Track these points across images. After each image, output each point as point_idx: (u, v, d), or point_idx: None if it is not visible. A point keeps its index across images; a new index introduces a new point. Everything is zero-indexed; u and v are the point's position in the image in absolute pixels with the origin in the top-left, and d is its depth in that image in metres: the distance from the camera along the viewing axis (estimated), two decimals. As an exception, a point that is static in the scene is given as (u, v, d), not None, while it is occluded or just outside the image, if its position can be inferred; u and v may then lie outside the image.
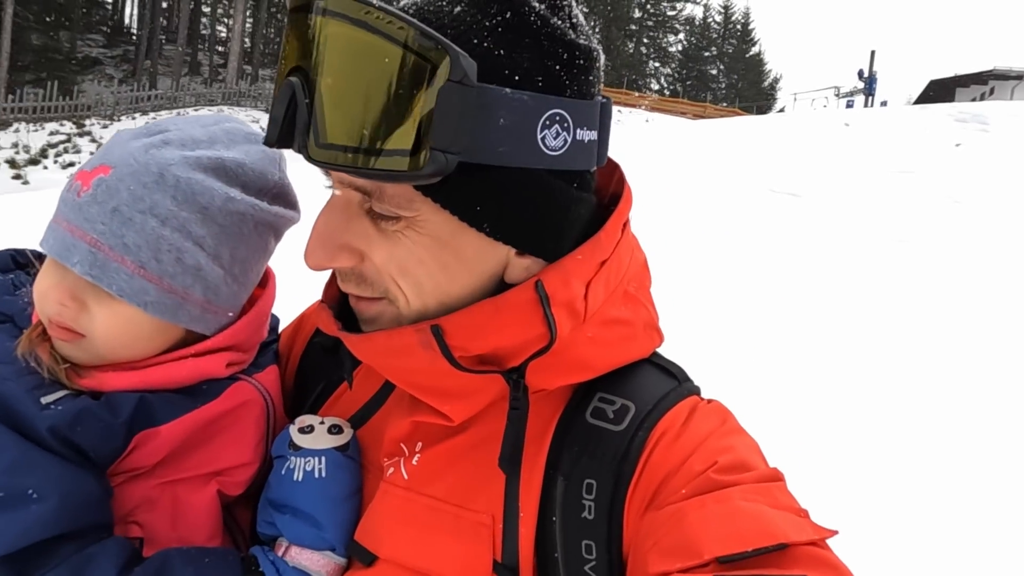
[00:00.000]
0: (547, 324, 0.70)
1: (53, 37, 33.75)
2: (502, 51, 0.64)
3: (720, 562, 0.61)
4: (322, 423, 0.83)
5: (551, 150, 0.67)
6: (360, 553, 0.76)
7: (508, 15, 0.65)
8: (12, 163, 19.16)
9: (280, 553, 0.78)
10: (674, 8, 59.16)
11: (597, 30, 47.81)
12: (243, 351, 0.91)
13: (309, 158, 0.64)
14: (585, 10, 50.31)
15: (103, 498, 0.77)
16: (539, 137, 0.66)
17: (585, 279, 0.72)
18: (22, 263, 0.93)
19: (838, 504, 3.12)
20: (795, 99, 39.19)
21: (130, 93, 26.84)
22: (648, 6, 57.43)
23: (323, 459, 0.79)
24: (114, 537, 0.77)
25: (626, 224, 0.79)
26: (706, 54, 63.13)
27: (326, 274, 0.81)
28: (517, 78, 0.64)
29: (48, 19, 34.47)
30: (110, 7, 46.41)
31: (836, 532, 0.65)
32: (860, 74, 38.66)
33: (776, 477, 0.70)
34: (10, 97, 24.56)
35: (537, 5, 0.67)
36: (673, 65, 62.03)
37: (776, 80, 64.65)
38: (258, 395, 0.89)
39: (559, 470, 0.72)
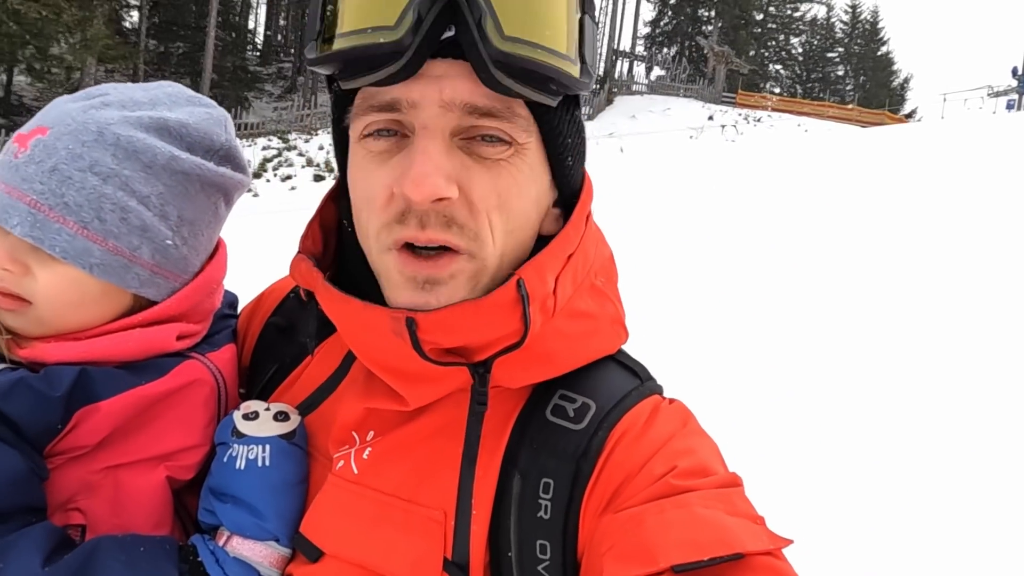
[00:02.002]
0: (523, 322, 0.70)
1: (241, 58, 36.51)
2: None
3: (676, 570, 0.62)
4: (268, 409, 0.81)
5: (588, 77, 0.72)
6: (305, 547, 0.76)
7: None
8: (241, 177, 21.28)
9: (221, 543, 0.77)
10: (797, 9, 58.06)
11: (724, 32, 47.65)
12: (193, 321, 0.89)
13: (487, 51, 0.63)
14: (712, 15, 50.17)
15: (31, 479, 0.74)
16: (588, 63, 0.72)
17: (555, 273, 0.73)
18: None
19: (807, 506, 3.17)
20: (944, 99, 37.85)
21: (297, 112, 28.74)
22: (771, 8, 56.59)
23: (267, 447, 0.78)
24: (42, 523, 0.74)
25: (589, 216, 0.79)
26: (830, 55, 61.60)
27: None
28: (586, 5, 0.72)
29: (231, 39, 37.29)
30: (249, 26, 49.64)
31: (791, 541, 0.66)
32: (1014, 72, 36.97)
33: (735, 483, 0.71)
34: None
35: None
36: (793, 66, 60.80)
37: (906, 80, 62.39)
38: (208, 374, 0.87)
39: (516, 467, 0.73)
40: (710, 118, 32.32)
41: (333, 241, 0.87)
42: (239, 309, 1.04)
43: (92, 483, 0.80)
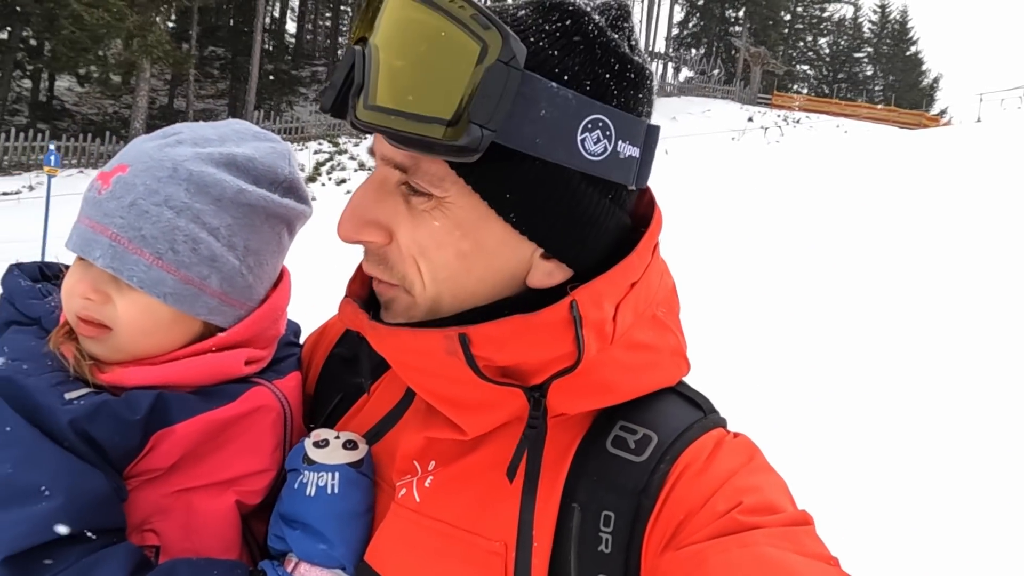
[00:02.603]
0: (576, 344, 0.69)
1: (283, 62, 36.67)
2: (555, 52, 0.67)
3: None
4: (337, 438, 0.83)
5: (590, 154, 0.68)
6: (369, 575, 0.76)
7: (568, 22, 0.69)
8: (295, 180, 21.37)
9: (289, 569, 0.78)
10: (824, 9, 57.82)
11: (753, 32, 47.46)
12: (260, 347, 0.92)
13: (355, 119, 0.67)
14: (740, 16, 50.00)
15: (113, 499, 0.77)
16: (579, 138, 0.67)
17: (615, 300, 0.72)
18: (49, 276, 0.97)
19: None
20: (981, 100, 37.47)
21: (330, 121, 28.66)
22: (798, 9, 56.37)
23: (336, 475, 0.79)
24: (125, 543, 0.77)
25: (656, 247, 0.79)
26: (857, 55, 61.27)
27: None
28: (566, 78, 0.67)
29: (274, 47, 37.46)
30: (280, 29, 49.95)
31: None
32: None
33: (804, 521, 0.68)
34: (266, 122, 27.20)
35: (598, 19, 0.70)
36: (820, 66, 60.52)
37: (936, 80, 61.94)
38: (275, 400, 0.90)
39: (576, 499, 0.72)
40: (750, 119, 32.22)
41: None
42: (302, 338, 1.08)
43: (165, 506, 0.83)
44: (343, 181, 21.51)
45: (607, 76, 0.69)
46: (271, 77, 34.29)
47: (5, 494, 0.73)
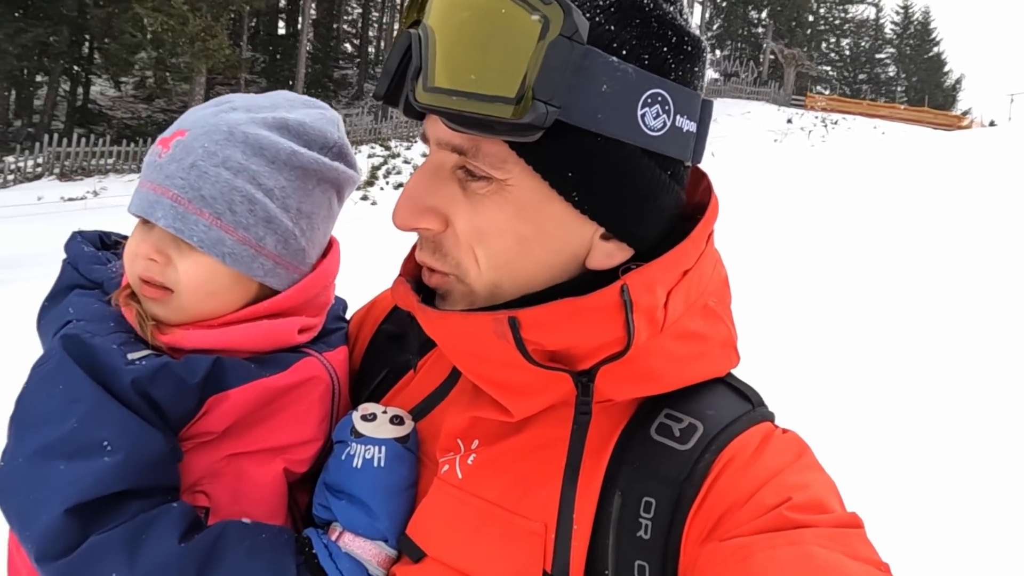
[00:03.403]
0: (626, 330, 0.69)
1: (326, 65, 36.61)
2: (612, 26, 0.66)
3: None
4: (384, 412, 0.84)
5: (650, 129, 0.67)
6: (409, 548, 0.77)
7: None
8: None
9: (334, 538, 0.79)
10: (846, 11, 57.74)
11: (780, 34, 47.36)
12: (311, 315, 0.95)
13: (414, 102, 0.66)
14: (767, 20, 49.91)
15: (170, 459, 0.80)
16: (639, 113, 0.66)
17: (667, 287, 0.71)
18: (109, 244, 0.99)
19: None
20: (1012, 100, 37.41)
21: (372, 124, 28.26)
22: (821, 10, 56.29)
23: (383, 449, 0.80)
24: (180, 502, 0.79)
25: (710, 236, 0.78)
26: (879, 56, 61.16)
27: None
28: (624, 52, 0.65)
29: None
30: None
31: None
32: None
33: (855, 523, 0.66)
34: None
35: None
36: (841, 67, 60.44)
37: (959, 80, 61.81)
38: (325, 372, 0.92)
39: (617, 484, 0.71)
40: (789, 121, 32.11)
41: None
42: (349, 314, 1.10)
43: (217, 469, 0.85)
44: (400, 185, 21.41)
45: (664, 49, 0.68)
46: (317, 81, 34.18)
47: (70, 447, 0.75)
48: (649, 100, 0.67)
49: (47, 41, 21.81)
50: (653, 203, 0.71)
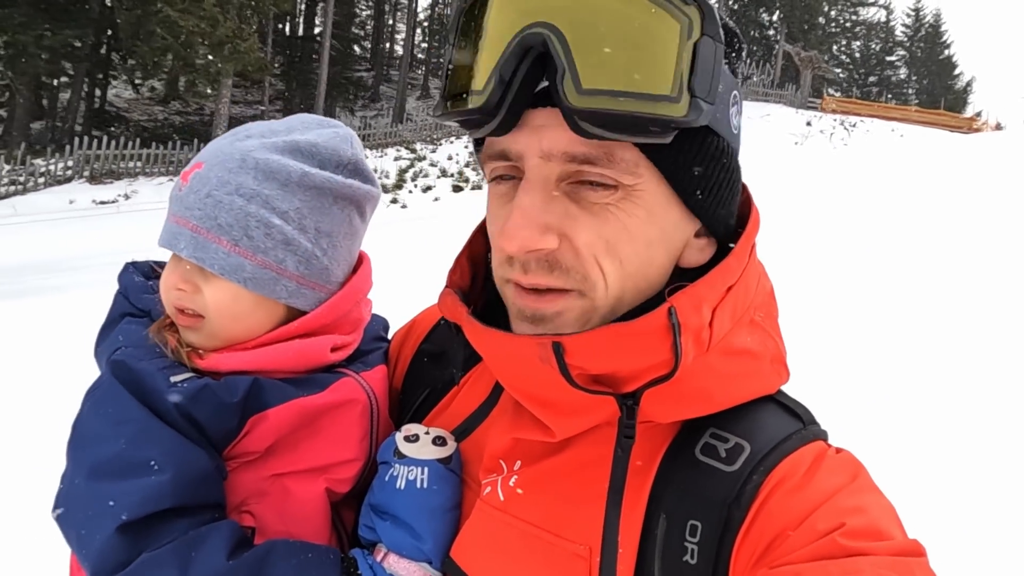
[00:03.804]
0: (673, 352, 0.67)
1: (345, 68, 36.51)
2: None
3: None
4: (427, 433, 0.84)
5: (734, 128, 0.70)
6: (454, 571, 0.76)
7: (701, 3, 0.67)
8: (383, 188, 21.24)
9: (379, 558, 0.80)
10: (856, 13, 57.73)
11: (792, 36, 47.33)
12: (344, 332, 0.95)
13: (568, 105, 0.63)
14: (777, 22, 49.86)
15: (216, 477, 0.82)
16: (730, 112, 0.69)
17: (712, 305, 0.69)
18: (159, 273, 1.00)
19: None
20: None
21: (389, 128, 28.13)
22: (832, 12, 56.29)
23: (426, 470, 0.80)
24: (228, 520, 0.81)
25: (752, 248, 0.76)
26: (889, 58, 61.13)
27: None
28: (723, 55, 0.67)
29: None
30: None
31: None
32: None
33: (917, 551, 0.62)
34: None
35: None
36: (852, 69, 60.42)
37: (969, 83, 61.79)
38: (362, 392, 0.93)
39: (662, 507, 0.69)
40: (808, 124, 32.03)
41: (482, 271, 0.87)
42: (391, 333, 1.10)
43: (262, 489, 0.87)
44: (429, 188, 21.30)
45: (732, 53, 0.70)
46: (338, 84, 34.09)
47: (119, 467, 0.77)
48: (734, 99, 0.70)
49: (73, 44, 21.72)
50: (736, 199, 0.75)
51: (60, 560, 0.94)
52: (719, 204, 0.72)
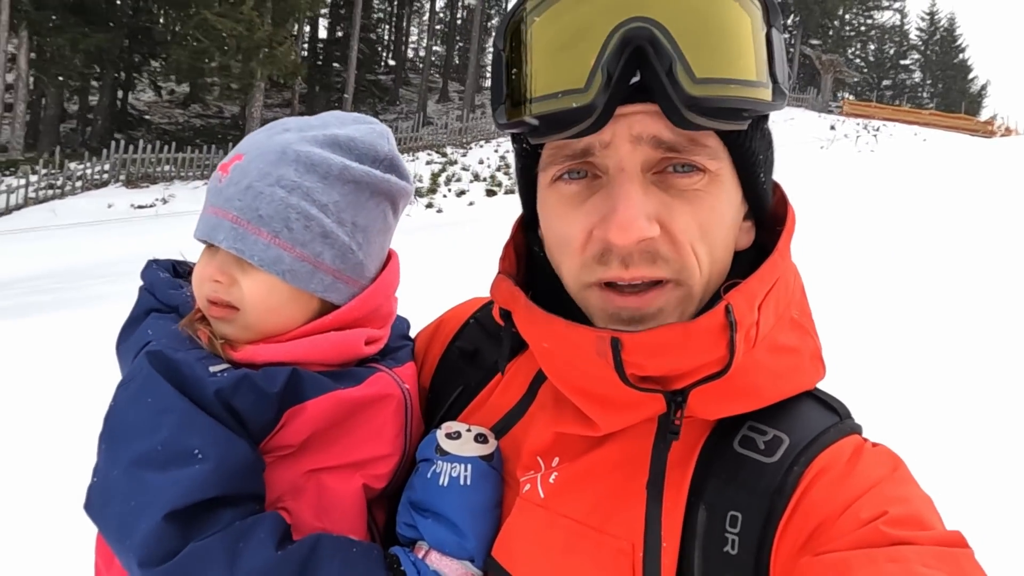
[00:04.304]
0: (728, 349, 0.66)
1: (372, 71, 36.46)
2: None
3: None
4: (469, 430, 0.83)
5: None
6: (496, 570, 0.76)
7: None
8: (418, 192, 21.14)
9: (421, 555, 0.79)
10: (870, 17, 57.68)
11: (805, 39, 47.25)
12: (376, 326, 0.96)
13: (685, 97, 0.64)
14: (792, 26, 49.79)
15: (257, 467, 0.82)
16: None
17: (758, 301, 0.70)
18: (181, 273, 1.01)
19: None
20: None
21: (410, 132, 27.71)
22: (846, 16, 56.24)
23: (469, 467, 0.79)
24: (273, 512, 0.81)
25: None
26: (904, 62, 61.05)
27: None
28: None
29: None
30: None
31: None
32: None
33: (960, 543, 0.62)
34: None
35: None
36: (867, 72, 60.34)
37: (984, 87, 61.67)
38: (396, 387, 0.93)
39: (702, 499, 0.69)
40: (832, 128, 31.96)
41: (523, 265, 0.87)
42: (412, 332, 1.10)
43: (299, 485, 0.85)
44: (463, 192, 21.23)
45: None
46: (365, 88, 34.05)
47: (163, 456, 0.76)
48: None
49: (106, 47, 21.67)
50: (773, 171, 0.78)
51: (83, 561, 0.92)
52: (767, 188, 0.76)
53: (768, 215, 0.79)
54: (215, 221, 0.87)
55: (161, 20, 20.71)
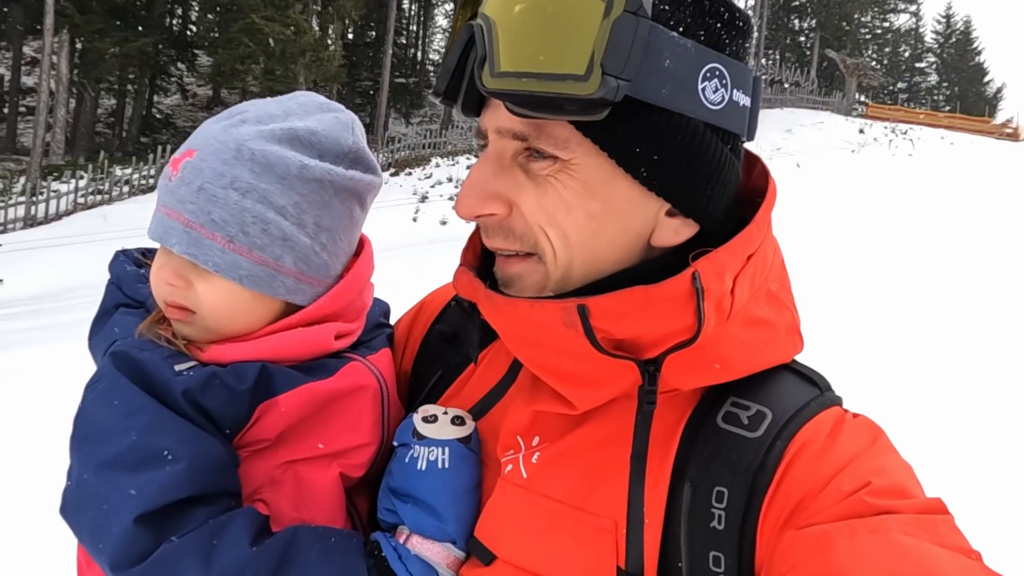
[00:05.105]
0: (696, 318, 0.68)
1: (403, 75, 36.27)
2: (667, 6, 0.67)
3: None
4: (445, 413, 0.83)
5: (710, 103, 0.69)
6: (479, 551, 0.76)
7: None
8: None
9: (402, 540, 0.79)
10: (885, 19, 57.62)
11: (826, 42, 47.19)
12: (348, 320, 0.93)
13: (481, 88, 0.67)
14: (808, 29, 49.75)
15: (231, 464, 0.81)
16: (700, 87, 0.68)
17: (733, 273, 0.70)
18: (148, 262, 0.97)
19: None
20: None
21: (428, 140, 27.80)
22: (863, 19, 56.21)
23: (446, 450, 0.79)
24: (247, 507, 0.80)
25: (769, 221, 0.77)
26: (919, 64, 61.02)
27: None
28: (681, 28, 0.67)
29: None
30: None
31: None
32: None
33: (940, 509, 0.63)
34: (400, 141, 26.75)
35: None
36: (883, 75, 60.33)
37: (999, 89, 61.66)
38: (372, 376, 0.91)
39: (686, 476, 0.70)
40: (861, 131, 31.87)
41: (482, 254, 0.87)
42: (392, 319, 1.08)
43: (275, 477, 0.84)
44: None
45: (718, 25, 0.69)
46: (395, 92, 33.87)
47: (133, 459, 0.75)
48: (708, 74, 0.68)
49: (148, 51, 21.55)
50: (718, 177, 0.71)
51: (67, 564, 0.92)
52: (681, 183, 0.70)
53: (747, 191, 0.79)
54: (167, 223, 0.83)
55: (197, 24, 20.49)
